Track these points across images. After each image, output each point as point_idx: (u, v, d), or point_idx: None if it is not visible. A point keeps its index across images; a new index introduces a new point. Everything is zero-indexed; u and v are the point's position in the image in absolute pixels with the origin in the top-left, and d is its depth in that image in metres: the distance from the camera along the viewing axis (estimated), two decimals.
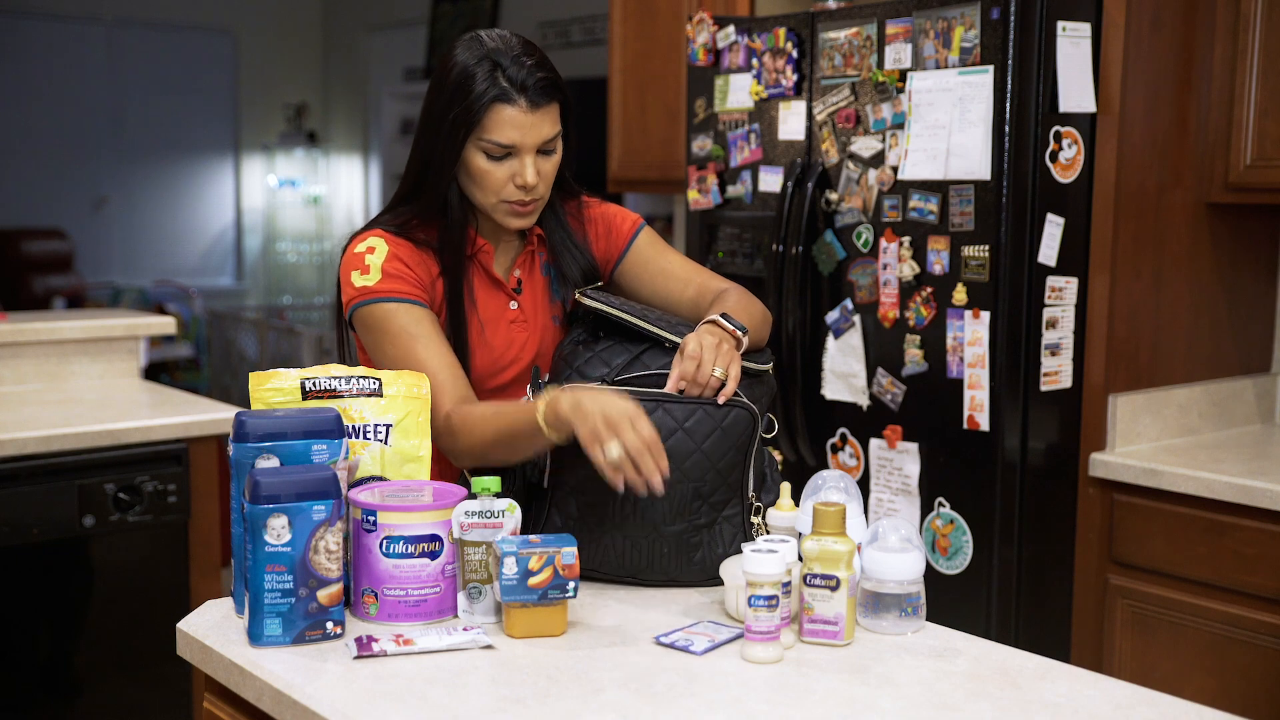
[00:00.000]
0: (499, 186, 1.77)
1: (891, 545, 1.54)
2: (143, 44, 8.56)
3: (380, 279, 1.77)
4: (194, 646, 1.54)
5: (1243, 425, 2.89)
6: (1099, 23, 2.56)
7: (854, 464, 2.78)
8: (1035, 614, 2.60)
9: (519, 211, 1.80)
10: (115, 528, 2.83)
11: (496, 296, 1.87)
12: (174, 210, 8.82)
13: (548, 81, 1.75)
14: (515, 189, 1.77)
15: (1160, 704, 1.35)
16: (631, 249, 1.96)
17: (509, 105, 1.73)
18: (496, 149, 1.75)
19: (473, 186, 1.79)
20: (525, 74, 1.73)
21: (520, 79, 1.73)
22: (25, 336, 3.27)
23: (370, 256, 1.78)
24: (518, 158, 1.76)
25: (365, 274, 1.77)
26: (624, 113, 3.81)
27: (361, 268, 1.78)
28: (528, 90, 1.73)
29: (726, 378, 1.66)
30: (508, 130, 1.74)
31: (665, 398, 1.65)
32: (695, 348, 1.66)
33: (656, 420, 1.63)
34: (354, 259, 1.79)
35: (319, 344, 6.67)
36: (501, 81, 1.73)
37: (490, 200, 1.79)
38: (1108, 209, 2.57)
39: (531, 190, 1.78)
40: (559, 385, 1.74)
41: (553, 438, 1.59)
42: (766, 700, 1.34)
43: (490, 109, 1.73)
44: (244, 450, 1.51)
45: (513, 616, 1.51)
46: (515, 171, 1.76)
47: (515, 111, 1.73)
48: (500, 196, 1.78)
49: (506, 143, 1.74)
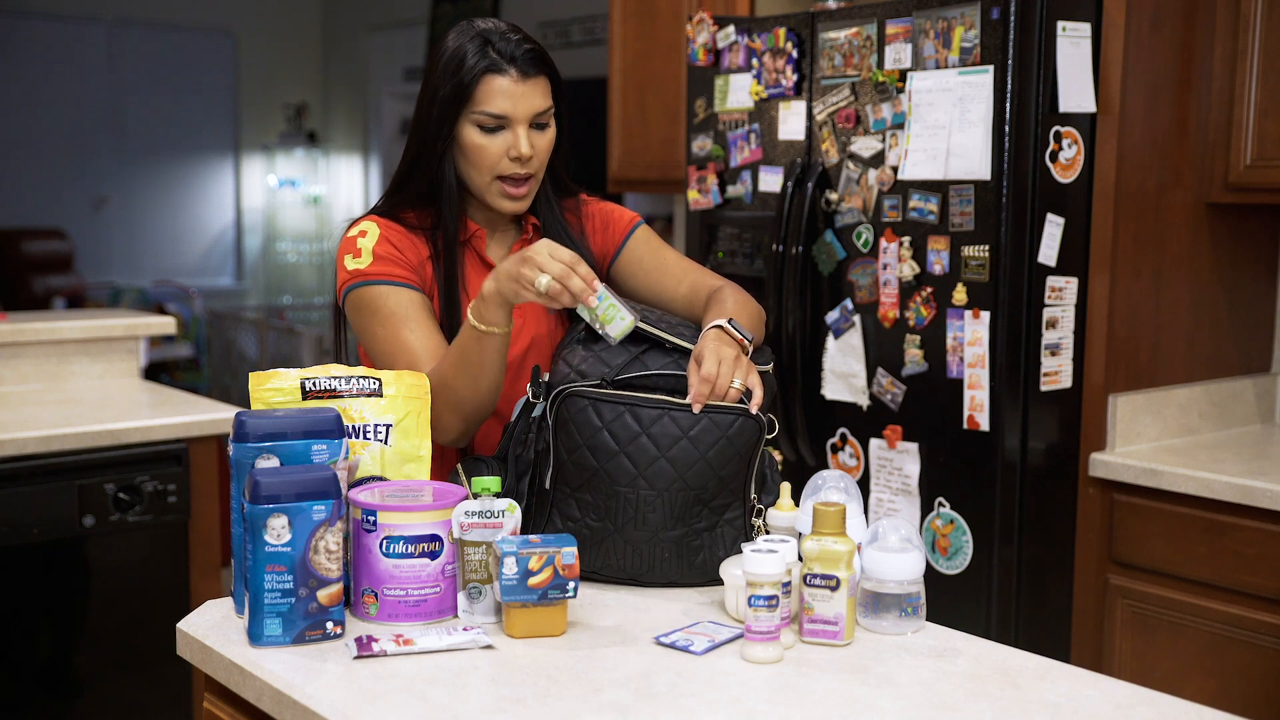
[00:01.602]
0: (494, 161, 1.80)
1: (891, 545, 1.54)
2: (143, 44, 8.57)
3: (371, 262, 1.80)
4: (194, 646, 1.54)
5: (1243, 425, 2.89)
6: (1099, 23, 2.56)
7: (854, 464, 2.78)
8: (1035, 614, 2.60)
9: (512, 193, 1.83)
10: (115, 528, 2.83)
11: None
12: (174, 210, 8.82)
13: (535, 53, 1.80)
14: (510, 162, 1.80)
15: (1160, 704, 1.35)
16: (627, 245, 1.97)
17: (499, 75, 1.77)
18: (489, 120, 1.78)
19: (468, 166, 1.82)
20: (513, 47, 1.78)
21: (509, 51, 1.78)
22: (25, 336, 3.27)
23: (362, 240, 1.82)
24: (511, 130, 1.79)
25: (357, 257, 1.81)
26: (624, 113, 3.81)
27: (353, 251, 1.82)
28: (517, 60, 1.78)
29: (749, 389, 1.67)
30: (499, 100, 1.77)
31: (672, 405, 1.65)
32: (712, 366, 1.66)
33: (662, 428, 1.64)
34: (347, 243, 1.83)
35: (319, 344, 6.67)
36: (491, 54, 1.78)
37: (485, 179, 1.82)
38: (1108, 209, 2.57)
39: (526, 163, 1.81)
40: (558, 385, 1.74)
41: (491, 322, 1.66)
42: (766, 700, 1.34)
43: (481, 80, 1.77)
44: (244, 450, 1.51)
45: (513, 616, 1.51)
46: (510, 144, 1.79)
47: (506, 81, 1.77)
48: (495, 172, 1.81)
49: (498, 112, 1.78)
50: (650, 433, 1.63)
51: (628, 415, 1.64)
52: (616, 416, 1.64)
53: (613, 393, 1.65)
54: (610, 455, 1.64)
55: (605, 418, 1.64)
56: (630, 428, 1.64)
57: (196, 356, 7.81)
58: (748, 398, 1.67)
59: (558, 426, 1.66)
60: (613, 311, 1.68)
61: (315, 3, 9.21)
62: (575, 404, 1.65)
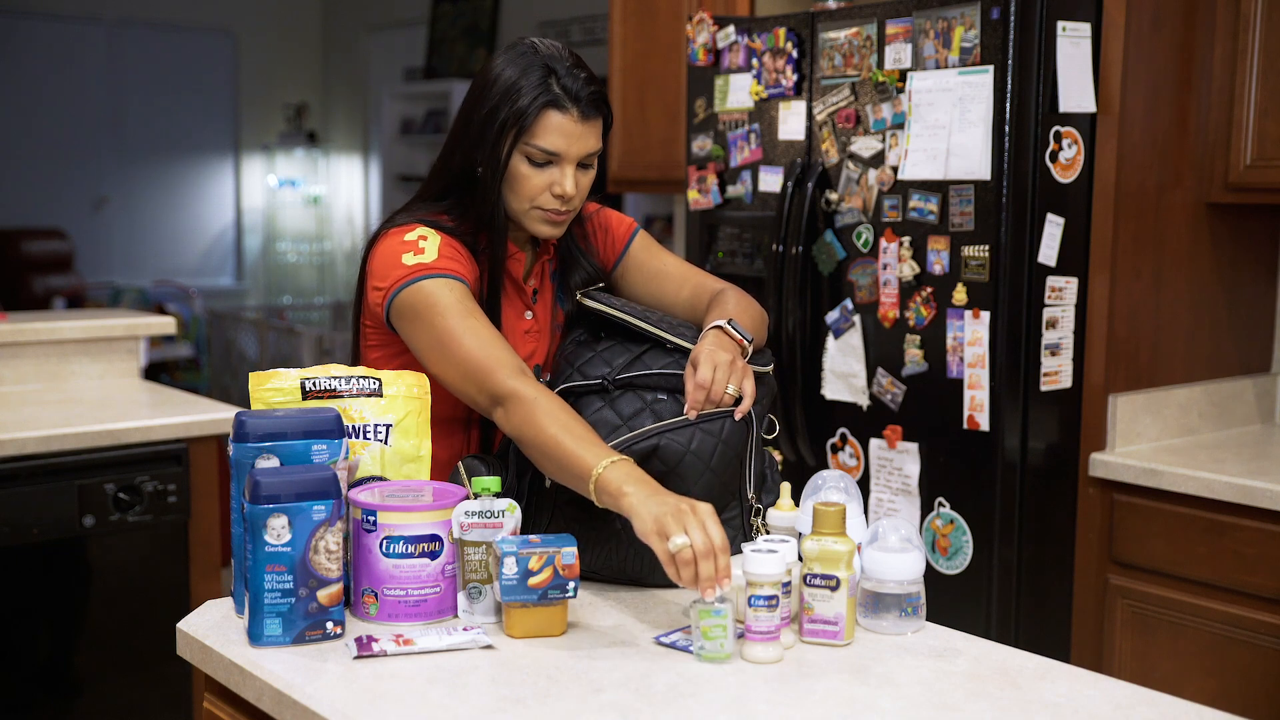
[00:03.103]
0: (535, 194, 1.75)
1: (891, 545, 1.54)
2: (143, 44, 8.57)
3: (438, 257, 1.72)
4: (194, 646, 1.54)
5: (1243, 425, 2.89)
6: (1099, 23, 2.56)
7: (854, 464, 2.78)
8: (1035, 614, 2.60)
9: (554, 219, 1.78)
10: (115, 528, 2.83)
11: (515, 305, 1.86)
12: (174, 210, 8.82)
13: (599, 95, 1.75)
14: (552, 198, 1.75)
15: (1160, 704, 1.35)
16: (628, 252, 1.96)
17: (561, 113, 1.71)
18: (541, 155, 1.73)
19: (508, 191, 1.77)
20: (579, 85, 1.72)
21: (575, 89, 1.72)
22: (25, 336, 3.27)
23: (424, 242, 1.74)
24: (558, 166, 1.74)
25: (420, 254, 1.72)
26: (624, 113, 3.81)
27: (415, 249, 1.72)
28: (580, 101, 1.72)
29: (741, 394, 1.67)
30: (555, 138, 1.72)
31: (666, 428, 1.65)
32: (707, 372, 1.66)
33: (664, 448, 1.64)
34: (403, 244, 1.74)
35: (319, 344, 6.67)
36: (555, 88, 1.71)
37: (523, 206, 1.77)
38: (1108, 209, 2.57)
39: (568, 201, 1.76)
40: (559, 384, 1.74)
41: (594, 499, 1.53)
42: (766, 700, 1.34)
43: (542, 114, 1.71)
44: (244, 450, 1.51)
45: (513, 616, 1.51)
46: (554, 181, 1.74)
47: (566, 120, 1.72)
48: (534, 203, 1.76)
49: (553, 149, 1.72)
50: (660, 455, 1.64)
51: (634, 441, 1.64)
52: (624, 448, 1.63)
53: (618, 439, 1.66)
54: None
55: None
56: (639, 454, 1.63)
57: (196, 356, 7.81)
58: (738, 401, 1.68)
59: None
60: (719, 632, 1.43)
61: (315, 3, 9.20)
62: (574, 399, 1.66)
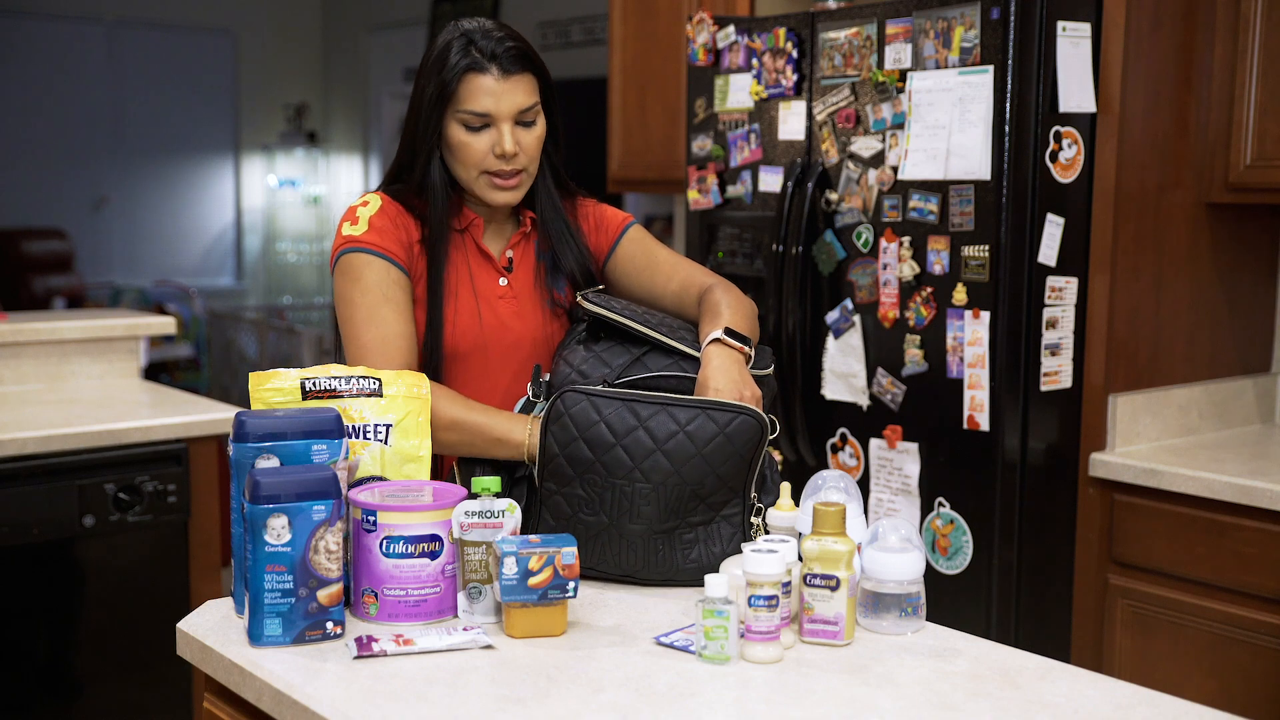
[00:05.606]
0: (479, 158, 1.83)
1: (891, 545, 1.54)
2: (143, 44, 8.57)
3: (366, 230, 1.83)
4: (194, 646, 1.54)
5: (1243, 425, 2.89)
6: (1099, 23, 2.56)
7: (854, 464, 2.78)
8: (1035, 614, 2.60)
9: (500, 185, 1.85)
10: (115, 528, 2.83)
11: (486, 271, 1.91)
12: (174, 210, 8.82)
13: (518, 51, 1.82)
14: (495, 159, 1.82)
15: (1160, 704, 1.35)
16: (620, 244, 1.99)
17: (481, 74, 1.80)
18: (473, 119, 1.81)
19: (454, 162, 1.85)
20: (495, 44, 1.81)
21: (490, 49, 1.81)
22: (25, 336, 3.27)
23: (362, 209, 1.86)
24: (495, 127, 1.82)
25: (354, 225, 1.84)
26: (624, 113, 3.81)
27: (352, 219, 1.86)
28: (498, 58, 1.80)
29: None
30: (481, 98, 1.80)
31: (671, 401, 1.66)
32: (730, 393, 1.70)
33: (659, 422, 1.65)
34: (348, 212, 1.87)
35: (319, 344, 6.67)
36: (473, 52, 1.81)
37: (471, 174, 1.84)
38: (1108, 209, 2.57)
39: (511, 160, 1.83)
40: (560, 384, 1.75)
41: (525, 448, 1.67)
42: (766, 700, 1.34)
43: (463, 79, 1.80)
44: (244, 450, 1.51)
45: (513, 616, 1.51)
46: (494, 142, 1.82)
47: (487, 79, 1.80)
48: (481, 168, 1.83)
49: (481, 110, 1.80)
50: (647, 425, 1.65)
51: (625, 410, 1.66)
52: (614, 410, 1.66)
53: (614, 391, 1.67)
54: (607, 448, 1.65)
55: (603, 412, 1.66)
56: (628, 421, 1.65)
57: (196, 356, 7.81)
58: None
59: (552, 419, 1.66)
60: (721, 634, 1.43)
61: (315, 3, 9.20)
62: (572, 398, 1.67)
